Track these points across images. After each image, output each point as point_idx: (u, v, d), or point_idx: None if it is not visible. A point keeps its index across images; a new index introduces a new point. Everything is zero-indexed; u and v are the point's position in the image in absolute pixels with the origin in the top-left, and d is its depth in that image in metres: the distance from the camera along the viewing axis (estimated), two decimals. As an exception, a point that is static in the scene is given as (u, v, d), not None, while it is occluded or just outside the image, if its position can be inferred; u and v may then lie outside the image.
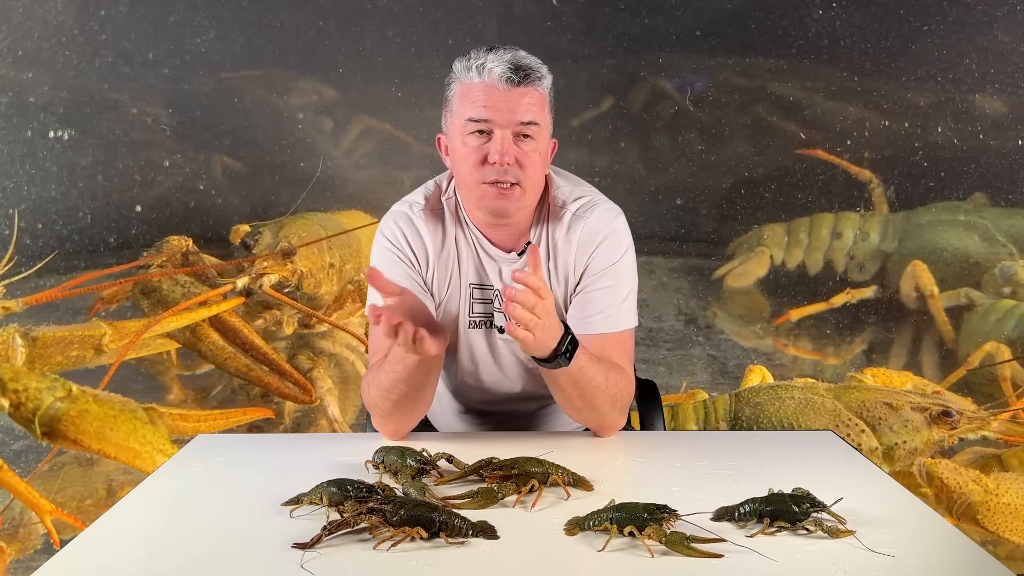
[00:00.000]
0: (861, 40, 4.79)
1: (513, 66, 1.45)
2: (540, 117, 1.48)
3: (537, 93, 1.48)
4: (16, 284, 2.91)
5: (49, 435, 2.45)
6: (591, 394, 1.45)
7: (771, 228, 4.75)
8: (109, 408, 2.46)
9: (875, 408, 2.50)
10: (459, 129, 1.49)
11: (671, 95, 5.16)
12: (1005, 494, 2.34)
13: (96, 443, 2.42)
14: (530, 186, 1.49)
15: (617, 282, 1.55)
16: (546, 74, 1.50)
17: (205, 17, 4.75)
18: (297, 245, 3.38)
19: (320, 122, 5.03)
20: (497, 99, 1.45)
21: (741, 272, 4.72)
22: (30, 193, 4.42)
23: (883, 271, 4.48)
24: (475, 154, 1.47)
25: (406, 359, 1.41)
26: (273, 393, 3.19)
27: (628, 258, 1.57)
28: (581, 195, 1.59)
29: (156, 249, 3.54)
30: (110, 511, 1.26)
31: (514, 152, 1.46)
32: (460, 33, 4.84)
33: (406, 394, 1.46)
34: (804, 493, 1.18)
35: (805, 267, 4.67)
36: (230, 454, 1.50)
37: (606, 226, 1.56)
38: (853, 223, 4.57)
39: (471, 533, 1.14)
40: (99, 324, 2.92)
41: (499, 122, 1.45)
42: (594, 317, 1.53)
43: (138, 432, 2.44)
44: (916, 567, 1.06)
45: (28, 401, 2.43)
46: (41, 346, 2.80)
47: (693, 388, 3.19)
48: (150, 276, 3.29)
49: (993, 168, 4.64)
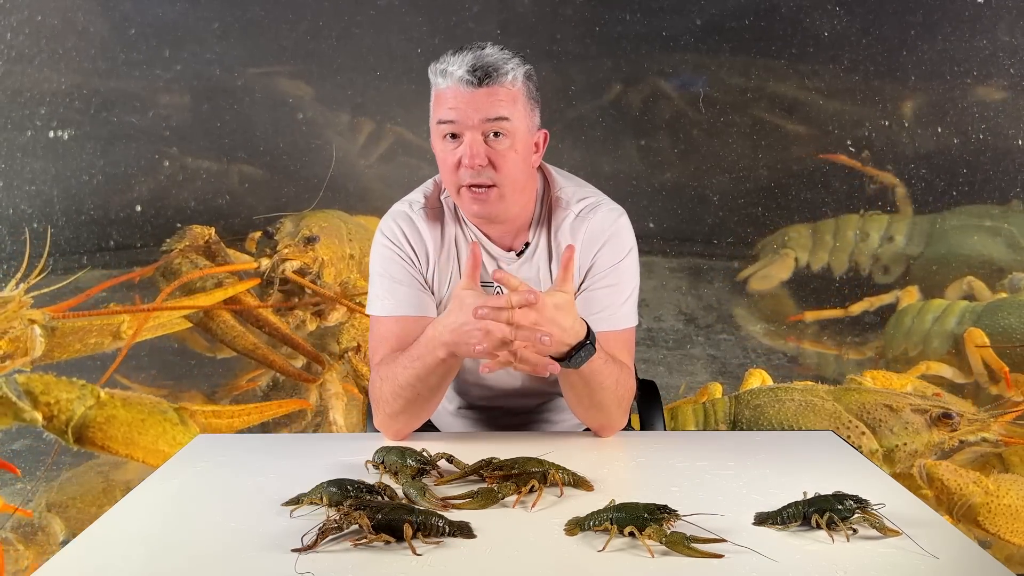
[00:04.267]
0: (876, 40, 4.77)
1: (471, 67, 1.43)
2: (510, 111, 1.45)
3: (503, 89, 1.45)
4: (39, 288, 2.92)
5: (79, 442, 2.47)
6: (601, 395, 1.46)
7: (796, 229, 4.73)
8: (138, 412, 2.49)
9: (875, 410, 2.50)
10: (435, 133, 1.50)
11: (670, 95, 5.16)
12: (1006, 495, 2.35)
13: (124, 448, 2.45)
14: (509, 185, 1.48)
15: (620, 281, 1.55)
16: (514, 67, 1.47)
17: (208, 16, 4.75)
18: (318, 232, 3.44)
19: (335, 124, 5.03)
20: (461, 101, 1.44)
21: (765, 275, 4.71)
22: (30, 193, 4.42)
23: (907, 274, 4.46)
24: (450, 158, 1.47)
25: (426, 356, 1.41)
26: (278, 371, 3.23)
27: (631, 258, 1.58)
28: (584, 196, 1.59)
29: (178, 236, 3.59)
30: (110, 511, 1.26)
31: (485, 152, 1.45)
32: (461, 33, 4.84)
33: (419, 393, 1.46)
34: (844, 495, 1.18)
35: (830, 269, 4.65)
36: (230, 454, 1.50)
37: (610, 226, 1.56)
38: (880, 225, 4.55)
39: (448, 533, 1.14)
40: (117, 311, 2.93)
41: (465, 123, 1.45)
42: (596, 316, 1.53)
43: (167, 434, 2.46)
44: (916, 567, 1.06)
45: (61, 413, 2.46)
46: (60, 336, 2.81)
47: (693, 388, 3.20)
48: (169, 259, 3.33)
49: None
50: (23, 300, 2.74)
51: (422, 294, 1.56)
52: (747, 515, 1.20)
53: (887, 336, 3.90)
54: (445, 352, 1.39)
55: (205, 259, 3.43)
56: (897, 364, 3.73)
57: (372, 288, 1.58)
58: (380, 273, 1.57)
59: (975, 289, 4.01)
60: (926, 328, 3.66)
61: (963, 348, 3.43)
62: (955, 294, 4.08)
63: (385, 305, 1.55)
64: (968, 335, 3.39)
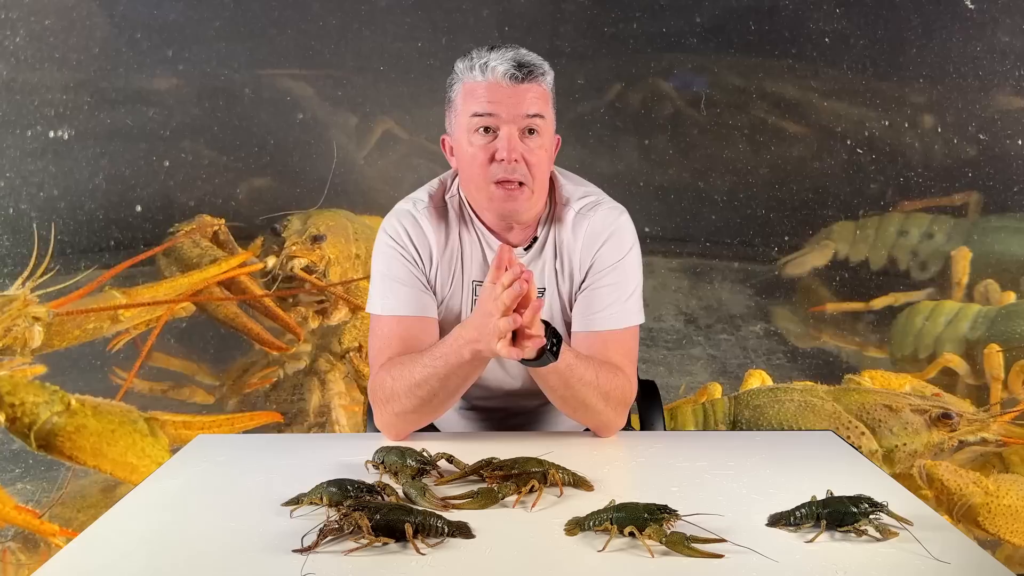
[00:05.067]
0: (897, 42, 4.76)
1: (516, 63, 1.46)
2: (545, 110, 1.49)
3: (541, 88, 1.49)
4: (44, 288, 2.93)
5: (45, 448, 2.45)
6: (583, 392, 1.45)
7: (842, 224, 4.75)
8: (108, 422, 2.46)
9: (875, 410, 2.50)
10: (464, 127, 1.48)
11: (671, 95, 5.16)
12: (1006, 496, 2.34)
13: (92, 459, 2.42)
14: (537, 185, 1.49)
15: (622, 279, 1.55)
16: (548, 70, 1.51)
17: (209, 16, 4.75)
18: (325, 231, 3.47)
19: (337, 124, 5.02)
20: (502, 95, 1.45)
21: (800, 261, 4.73)
22: (30, 193, 4.42)
23: (944, 272, 4.45)
24: (482, 153, 1.47)
25: (450, 356, 1.41)
26: (255, 341, 3.26)
27: (633, 255, 1.58)
28: (585, 194, 1.59)
29: (187, 222, 3.62)
30: (110, 511, 1.26)
31: (520, 149, 1.46)
32: (462, 32, 4.84)
33: (436, 393, 1.45)
34: (860, 496, 1.17)
35: (868, 263, 4.65)
36: (230, 454, 1.50)
37: (611, 224, 1.56)
38: (921, 223, 4.55)
39: (448, 533, 1.14)
40: (112, 294, 2.93)
41: (505, 117, 1.45)
42: (599, 314, 1.53)
43: (136, 445, 2.44)
44: (917, 567, 1.06)
45: (24, 415, 2.43)
46: (58, 323, 2.81)
47: (693, 388, 3.20)
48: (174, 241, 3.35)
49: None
50: (28, 298, 2.74)
51: (423, 295, 1.56)
52: (747, 515, 1.20)
53: (895, 334, 3.89)
54: (470, 352, 1.38)
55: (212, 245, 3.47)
56: (905, 363, 3.73)
57: (373, 286, 1.58)
58: (383, 272, 1.57)
59: (991, 292, 4.01)
60: (938, 331, 3.66)
61: (977, 356, 3.41)
62: (979, 296, 4.09)
63: (386, 304, 1.55)
64: (987, 358, 3.36)
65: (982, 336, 3.51)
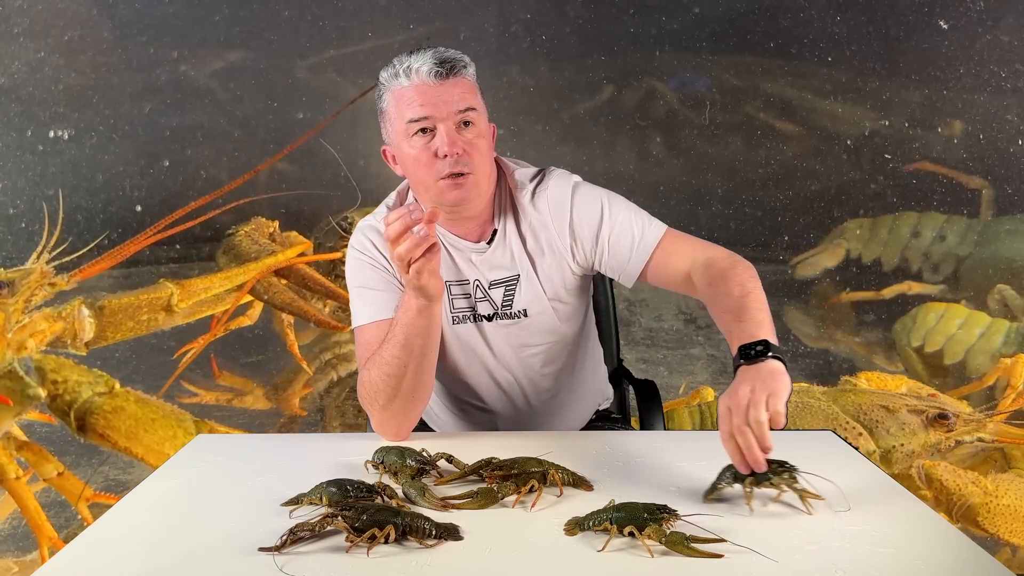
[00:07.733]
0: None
1: (438, 60, 1.48)
2: (475, 102, 1.51)
3: (467, 82, 1.51)
4: (60, 266, 2.92)
5: (82, 430, 2.46)
6: (759, 295, 1.47)
7: (855, 223, 4.75)
8: (150, 411, 2.48)
9: (872, 411, 2.50)
10: (402, 133, 1.51)
11: (667, 95, 5.16)
12: (1004, 495, 2.35)
13: (125, 440, 2.43)
14: (482, 173, 1.52)
15: (620, 211, 1.58)
16: (469, 63, 1.54)
17: (211, 15, 4.75)
18: None
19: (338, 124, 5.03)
20: (431, 95, 1.48)
21: (812, 262, 4.74)
22: (30, 193, 4.42)
23: (956, 274, 4.46)
24: (424, 153, 1.49)
25: (402, 316, 1.43)
26: (312, 322, 3.33)
27: (606, 193, 1.60)
28: (534, 175, 1.63)
29: (244, 223, 3.65)
30: (110, 511, 1.26)
31: (460, 142, 1.48)
32: (462, 32, 4.84)
33: (407, 364, 1.46)
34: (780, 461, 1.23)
35: (880, 263, 4.66)
36: (230, 454, 1.51)
37: (566, 184, 1.60)
38: (935, 224, 4.56)
39: (436, 535, 1.14)
40: (165, 285, 2.92)
41: (439, 116, 1.48)
42: (637, 247, 1.56)
43: (177, 439, 2.45)
44: (916, 567, 1.07)
45: (66, 393, 2.44)
46: (109, 315, 2.80)
47: (693, 388, 3.20)
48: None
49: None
50: (45, 270, 2.73)
51: (398, 297, 1.57)
52: (747, 515, 1.21)
53: (900, 330, 3.90)
54: (414, 295, 1.40)
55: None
56: (911, 359, 3.73)
57: (352, 303, 1.60)
58: (357, 285, 1.59)
59: (1007, 298, 4.02)
60: (971, 342, 3.67)
61: (1010, 370, 3.41)
62: (993, 302, 4.09)
63: (367, 313, 1.57)
64: (1015, 366, 3.36)
65: (1016, 352, 3.53)
